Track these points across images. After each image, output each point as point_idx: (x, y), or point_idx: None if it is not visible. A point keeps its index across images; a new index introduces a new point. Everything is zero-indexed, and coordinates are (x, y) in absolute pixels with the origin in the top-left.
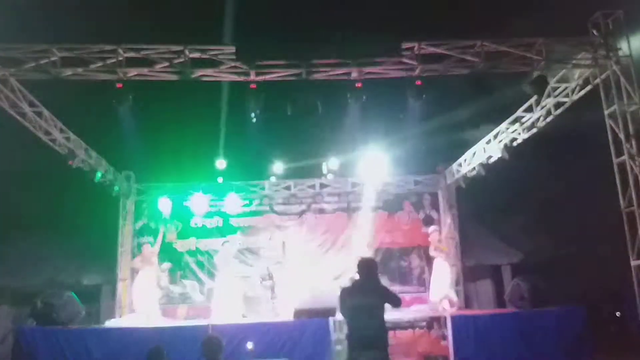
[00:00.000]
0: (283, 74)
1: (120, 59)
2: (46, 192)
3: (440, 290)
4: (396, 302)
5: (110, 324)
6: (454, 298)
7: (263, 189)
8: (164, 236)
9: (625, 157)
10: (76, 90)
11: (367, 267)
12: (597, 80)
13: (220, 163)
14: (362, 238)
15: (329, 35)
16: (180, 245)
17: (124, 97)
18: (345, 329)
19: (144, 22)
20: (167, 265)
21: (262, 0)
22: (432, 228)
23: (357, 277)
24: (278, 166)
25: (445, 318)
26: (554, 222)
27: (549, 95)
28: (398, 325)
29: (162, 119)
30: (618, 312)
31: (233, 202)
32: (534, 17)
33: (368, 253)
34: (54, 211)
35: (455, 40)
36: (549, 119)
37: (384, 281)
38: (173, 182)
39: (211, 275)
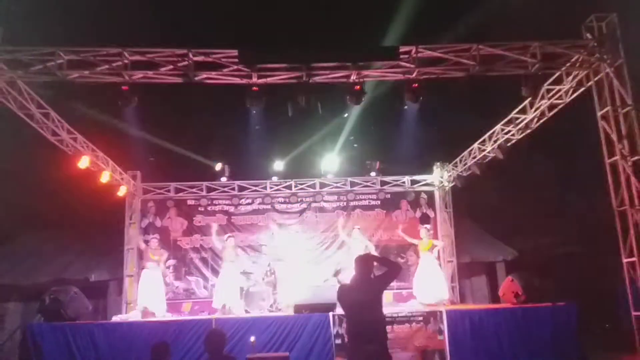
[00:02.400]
0: (284, 77)
1: (126, 61)
2: (54, 192)
3: (438, 292)
4: (394, 267)
5: (117, 319)
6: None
7: (265, 188)
8: None
9: (617, 157)
10: (83, 92)
11: (363, 263)
12: (591, 83)
13: (219, 166)
14: (360, 236)
15: (329, 39)
16: (185, 242)
17: (129, 98)
18: (344, 324)
19: (149, 26)
20: (171, 261)
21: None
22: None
23: (352, 273)
24: (279, 165)
25: (441, 313)
26: (548, 220)
27: (543, 97)
28: (395, 320)
29: (167, 119)
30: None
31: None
32: (528, 20)
33: (366, 250)
34: (61, 210)
35: (452, 44)
36: (542, 120)
37: None
38: (178, 181)
39: (215, 271)
